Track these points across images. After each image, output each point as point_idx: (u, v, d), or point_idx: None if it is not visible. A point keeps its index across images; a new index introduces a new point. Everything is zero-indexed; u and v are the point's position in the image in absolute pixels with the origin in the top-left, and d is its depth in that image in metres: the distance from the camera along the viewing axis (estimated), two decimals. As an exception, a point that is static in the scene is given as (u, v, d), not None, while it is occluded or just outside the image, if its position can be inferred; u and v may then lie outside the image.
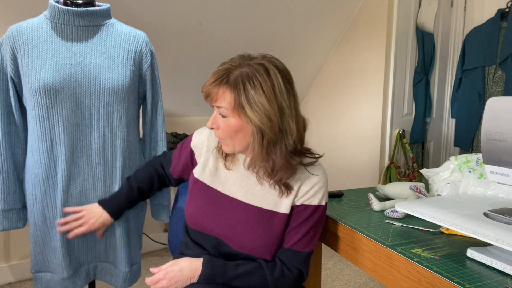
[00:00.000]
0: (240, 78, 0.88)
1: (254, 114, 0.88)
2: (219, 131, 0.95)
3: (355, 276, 2.37)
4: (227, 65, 0.92)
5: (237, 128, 0.92)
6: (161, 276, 0.96)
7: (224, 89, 0.90)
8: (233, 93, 0.89)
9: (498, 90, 2.38)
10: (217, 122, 0.94)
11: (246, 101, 0.88)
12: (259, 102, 0.87)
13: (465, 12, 2.71)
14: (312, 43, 2.80)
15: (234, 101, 0.89)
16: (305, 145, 0.99)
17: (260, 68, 0.89)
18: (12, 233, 2.21)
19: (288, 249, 0.98)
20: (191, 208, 1.04)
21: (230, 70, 0.90)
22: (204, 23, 2.25)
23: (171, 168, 1.17)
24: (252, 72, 0.89)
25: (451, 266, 0.80)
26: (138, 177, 1.20)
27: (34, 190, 1.16)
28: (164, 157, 1.21)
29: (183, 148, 1.14)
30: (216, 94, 0.91)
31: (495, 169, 0.83)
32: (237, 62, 0.92)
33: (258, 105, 0.87)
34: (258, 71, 0.89)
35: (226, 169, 1.04)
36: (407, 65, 2.55)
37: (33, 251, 1.20)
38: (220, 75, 0.90)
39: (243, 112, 0.89)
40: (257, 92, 0.87)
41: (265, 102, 0.87)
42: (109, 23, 1.19)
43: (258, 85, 0.88)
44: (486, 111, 0.84)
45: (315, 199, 0.98)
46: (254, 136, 0.90)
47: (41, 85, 1.08)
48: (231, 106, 0.90)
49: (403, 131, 2.57)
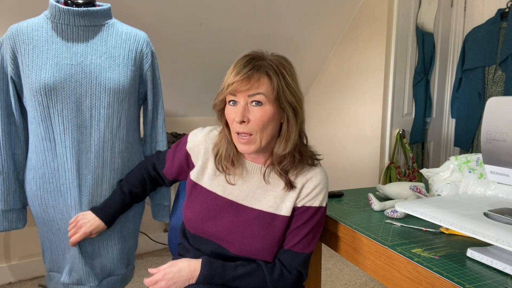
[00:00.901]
0: (274, 66, 0.91)
1: (293, 98, 0.93)
2: (249, 124, 0.91)
3: (355, 276, 2.37)
4: (253, 55, 0.93)
5: (272, 116, 0.92)
6: (159, 277, 0.96)
7: (261, 76, 0.90)
8: (273, 78, 0.90)
9: (498, 90, 2.38)
10: (248, 115, 0.91)
11: (286, 86, 0.91)
12: (294, 87, 0.94)
13: (465, 12, 2.71)
14: (312, 43, 2.80)
15: (274, 87, 0.90)
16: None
17: (282, 60, 0.95)
18: (12, 233, 2.21)
19: (288, 250, 0.98)
20: (190, 213, 1.03)
21: (259, 60, 0.92)
22: (204, 23, 2.25)
23: (165, 169, 1.14)
24: (280, 62, 0.94)
25: (451, 266, 0.80)
26: (129, 181, 1.18)
27: (39, 191, 1.15)
28: (157, 158, 1.18)
29: (178, 150, 1.11)
30: (252, 83, 0.90)
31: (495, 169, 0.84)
32: (259, 55, 0.94)
33: (294, 90, 0.93)
34: (282, 62, 0.94)
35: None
36: (407, 65, 2.55)
37: (49, 249, 1.21)
38: (252, 66, 0.90)
39: (284, 97, 0.91)
40: (292, 79, 0.94)
41: (298, 88, 0.95)
42: (109, 23, 1.19)
43: (290, 72, 0.94)
44: (486, 111, 0.84)
45: (316, 201, 0.98)
46: (290, 120, 0.94)
47: (41, 85, 1.08)
48: (270, 92, 0.91)
49: (403, 131, 2.57)
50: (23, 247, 2.26)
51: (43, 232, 1.20)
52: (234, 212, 0.99)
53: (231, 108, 0.94)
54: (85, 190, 1.16)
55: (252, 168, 1.01)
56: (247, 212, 0.99)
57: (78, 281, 1.19)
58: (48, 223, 1.18)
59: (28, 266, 2.26)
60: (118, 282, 1.27)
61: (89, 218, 1.14)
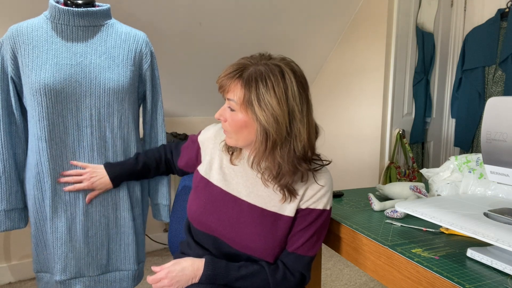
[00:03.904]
0: (254, 75, 0.89)
1: (261, 113, 0.88)
2: (226, 123, 0.96)
3: (355, 276, 2.37)
4: (245, 61, 0.93)
5: (242, 124, 0.92)
6: (162, 275, 0.96)
7: (236, 83, 0.91)
8: (244, 88, 0.89)
9: (498, 90, 2.38)
10: (225, 115, 0.95)
11: (256, 99, 0.88)
12: (268, 102, 0.87)
13: (465, 12, 2.71)
14: (312, 43, 2.80)
15: (244, 96, 0.90)
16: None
17: (276, 69, 0.89)
18: (12, 233, 2.21)
19: (292, 253, 0.98)
20: (195, 206, 1.04)
21: (247, 66, 0.92)
22: (204, 23, 2.25)
23: (179, 159, 1.19)
24: (266, 71, 0.89)
25: (451, 266, 0.80)
26: (147, 154, 1.23)
27: (34, 190, 1.16)
28: (176, 147, 1.22)
29: (192, 141, 1.15)
30: (228, 86, 0.92)
31: (495, 169, 0.84)
32: (255, 60, 0.93)
33: (267, 105, 0.87)
34: (273, 71, 0.89)
35: (231, 168, 1.03)
36: (407, 65, 2.55)
37: (35, 251, 1.20)
38: (235, 69, 0.91)
39: (251, 109, 0.89)
40: (268, 92, 0.87)
41: (274, 103, 0.87)
42: (109, 23, 1.19)
43: (270, 85, 0.87)
44: (486, 111, 0.84)
45: (320, 203, 0.98)
46: (258, 134, 0.90)
47: (41, 85, 1.08)
48: (240, 101, 0.90)
49: (403, 131, 2.57)
50: (23, 247, 2.26)
51: (34, 232, 1.20)
52: (238, 209, 1.00)
53: None
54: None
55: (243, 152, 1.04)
56: (251, 209, 0.99)
57: (77, 274, 1.19)
58: (39, 222, 1.18)
59: (28, 266, 2.26)
60: (130, 279, 1.27)
61: (98, 172, 1.16)
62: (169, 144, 1.26)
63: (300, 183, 0.97)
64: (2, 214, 1.17)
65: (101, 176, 1.16)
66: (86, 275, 1.20)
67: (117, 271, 1.25)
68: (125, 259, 1.25)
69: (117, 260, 1.24)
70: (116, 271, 1.25)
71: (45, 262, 1.21)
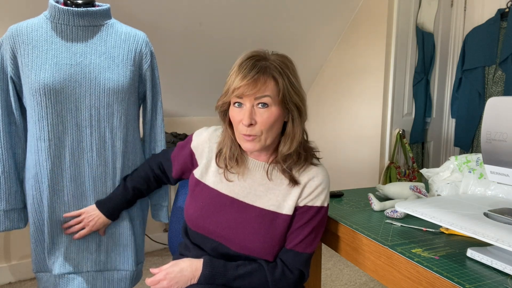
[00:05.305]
0: (279, 66, 0.92)
1: (297, 98, 0.94)
2: (256, 126, 0.92)
3: (355, 276, 2.37)
4: (257, 57, 0.93)
5: (277, 117, 0.93)
6: (161, 277, 0.96)
7: (267, 78, 0.91)
8: (279, 80, 0.91)
9: (498, 90, 2.38)
10: (255, 117, 0.92)
11: (290, 86, 0.93)
12: (298, 86, 0.95)
13: (465, 12, 2.71)
14: (312, 43, 2.80)
15: (280, 88, 0.91)
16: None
17: (285, 59, 0.95)
18: (12, 233, 2.21)
19: (290, 250, 0.98)
20: (192, 210, 1.04)
21: (263, 61, 0.93)
22: (204, 23, 2.25)
23: (173, 170, 1.16)
24: (283, 62, 0.94)
25: (451, 266, 0.80)
26: (134, 177, 1.20)
27: (32, 190, 1.16)
28: (163, 156, 1.20)
29: (183, 149, 1.14)
30: (257, 88, 0.90)
31: (495, 169, 0.83)
32: (262, 55, 0.94)
33: (298, 89, 0.95)
34: (285, 61, 0.95)
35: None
36: (407, 65, 2.55)
37: (34, 251, 1.20)
38: (259, 67, 0.91)
39: (288, 98, 0.93)
40: (295, 78, 0.95)
41: (300, 86, 0.96)
42: (109, 23, 1.19)
43: (293, 72, 0.95)
44: (486, 111, 0.84)
45: (318, 200, 0.98)
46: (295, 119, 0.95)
47: (41, 85, 1.08)
48: (276, 94, 0.91)
49: (403, 131, 2.57)
50: (23, 247, 2.26)
51: (33, 232, 1.20)
52: (236, 210, 1.00)
53: (236, 110, 0.94)
54: (82, 189, 1.16)
55: (255, 165, 1.02)
56: (249, 209, 0.99)
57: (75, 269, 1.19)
58: (38, 222, 1.18)
59: (28, 266, 2.26)
60: (128, 279, 1.26)
61: (93, 215, 1.16)
62: (154, 158, 1.22)
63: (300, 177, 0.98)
64: (1, 214, 1.17)
65: (97, 217, 1.16)
66: (85, 270, 1.21)
67: (116, 271, 1.25)
68: (123, 259, 1.25)
69: (115, 259, 1.24)
70: (115, 270, 1.25)
71: (44, 262, 1.20)
